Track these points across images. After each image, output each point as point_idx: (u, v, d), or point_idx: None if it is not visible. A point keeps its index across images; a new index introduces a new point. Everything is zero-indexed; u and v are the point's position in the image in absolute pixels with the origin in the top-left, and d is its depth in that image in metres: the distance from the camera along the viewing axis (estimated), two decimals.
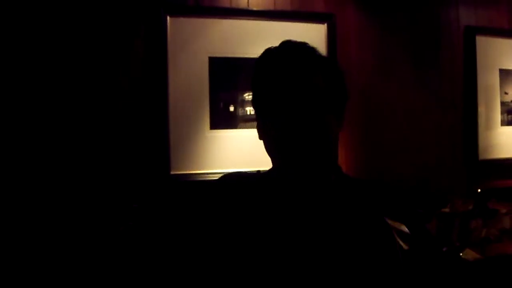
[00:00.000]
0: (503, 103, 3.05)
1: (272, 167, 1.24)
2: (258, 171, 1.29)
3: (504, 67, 3.05)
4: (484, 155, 2.97)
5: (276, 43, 2.53)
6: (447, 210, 2.68)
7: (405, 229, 1.19)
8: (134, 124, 2.39)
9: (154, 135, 2.40)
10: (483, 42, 2.99)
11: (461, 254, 2.44)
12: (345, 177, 1.27)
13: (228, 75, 2.49)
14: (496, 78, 3.04)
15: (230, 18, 2.52)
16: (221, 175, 1.31)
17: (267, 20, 2.56)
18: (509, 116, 3.06)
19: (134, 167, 2.38)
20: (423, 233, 1.25)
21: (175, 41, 2.44)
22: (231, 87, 2.49)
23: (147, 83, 2.41)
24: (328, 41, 2.64)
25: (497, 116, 3.03)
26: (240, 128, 2.47)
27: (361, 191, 1.24)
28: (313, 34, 2.62)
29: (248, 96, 2.47)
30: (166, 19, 2.42)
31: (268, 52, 1.20)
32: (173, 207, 2.33)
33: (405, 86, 2.83)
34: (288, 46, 1.20)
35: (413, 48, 2.86)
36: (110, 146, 2.36)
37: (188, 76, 2.46)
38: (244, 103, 2.47)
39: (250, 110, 2.46)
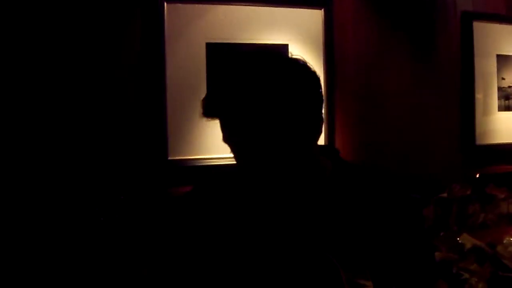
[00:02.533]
0: (500, 89, 3.05)
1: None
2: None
3: (501, 53, 3.06)
4: (482, 140, 2.98)
5: (273, 28, 2.56)
6: (445, 195, 2.68)
7: None
8: (131, 110, 2.39)
9: (152, 120, 2.41)
10: (480, 28, 2.99)
11: (458, 239, 2.44)
12: (344, 163, 1.26)
13: (225, 61, 2.48)
14: (493, 64, 3.04)
15: (227, 4, 2.51)
16: (219, 162, 1.30)
17: (264, 5, 2.56)
18: (506, 102, 3.07)
19: (132, 152, 2.38)
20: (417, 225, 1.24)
21: (172, 27, 2.43)
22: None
23: (145, 69, 2.41)
24: (325, 27, 2.64)
25: (494, 102, 3.04)
26: None
27: (359, 178, 1.23)
28: (310, 19, 2.62)
29: None
30: (163, 5, 2.41)
31: (235, 56, 1.17)
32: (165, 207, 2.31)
33: (401, 72, 2.84)
34: (253, 52, 1.17)
35: (409, 34, 2.86)
36: (108, 132, 2.36)
37: (186, 61, 2.45)
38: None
39: None
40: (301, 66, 1.13)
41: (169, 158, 2.41)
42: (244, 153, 1.12)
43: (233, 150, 1.15)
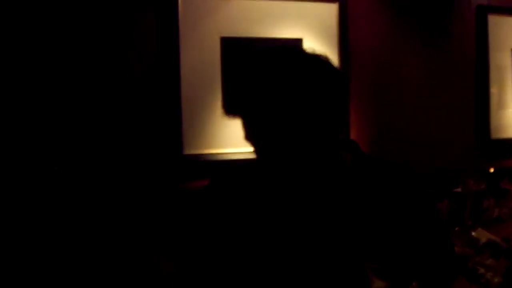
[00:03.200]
0: None
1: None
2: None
3: None
4: (496, 134, 2.96)
5: (287, 22, 2.55)
6: (459, 189, 2.68)
7: None
8: (146, 104, 2.39)
9: (166, 115, 2.40)
10: (495, 21, 2.97)
11: (473, 233, 2.44)
12: (363, 156, 1.26)
13: (240, 55, 2.48)
14: (508, 58, 3.02)
15: None
16: (234, 156, 1.30)
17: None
18: None
19: (147, 147, 2.38)
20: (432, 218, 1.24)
21: (186, 21, 2.43)
22: None
23: (159, 63, 2.41)
24: (339, 21, 2.63)
25: (509, 96, 3.02)
26: None
27: (379, 171, 1.23)
28: (325, 13, 2.61)
29: None
30: None
31: (257, 55, 1.16)
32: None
33: (416, 66, 2.82)
34: (273, 48, 1.16)
35: (424, 27, 2.84)
36: (122, 127, 2.36)
37: (200, 56, 2.45)
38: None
39: None
40: (323, 62, 1.13)
41: (184, 152, 2.42)
42: (267, 149, 1.12)
43: (255, 146, 1.15)
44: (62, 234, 2.17)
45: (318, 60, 1.13)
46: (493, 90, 2.97)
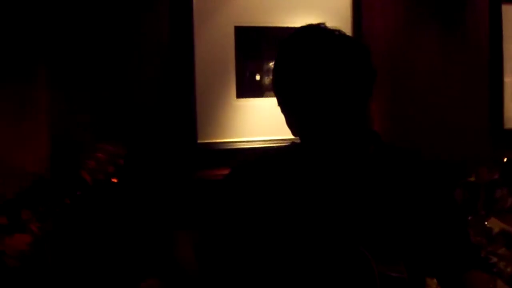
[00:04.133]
0: None
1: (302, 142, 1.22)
2: (293, 143, 1.28)
3: None
4: (510, 124, 2.95)
5: (301, 10, 2.55)
6: (472, 179, 2.68)
7: None
8: (160, 93, 2.41)
9: (180, 103, 2.42)
10: (509, 11, 2.95)
11: (486, 223, 2.44)
12: (384, 146, 1.27)
13: (254, 44, 2.50)
14: None
15: None
16: (248, 145, 1.31)
17: None
18: None
19: (161, 136, 2.40)
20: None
21: (201, 10, 2.44)
22: (257, 56, 2.51)
23: (173, 52, 2.41)
24: (353, 10, 2.63)
25: None
26: (266, 96, 2.48)
27: (399, 160, 1.24)
28: (339, 3, 2.62)
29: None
30: None
31: (293, 37, 1.17)
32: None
33: (430, 55, 2.81)
34: (313, 30, 1.17)
35: (438, 17, 2.83)
36: (136, 115, 2.37)
37: (214, 45, 2.46)
38: (270, 72, 2.47)
39: None
40: (354, 41, 1.16)
41: (198, 141, 2.43)
42: (308, 131, 1.13)
43: (295, 127, 1.16)
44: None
45: (349, 39, 1.16)
46: (507, 79, 2.96)
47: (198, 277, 1.42)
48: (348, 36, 1.17)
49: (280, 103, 1.18)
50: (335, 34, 1.16)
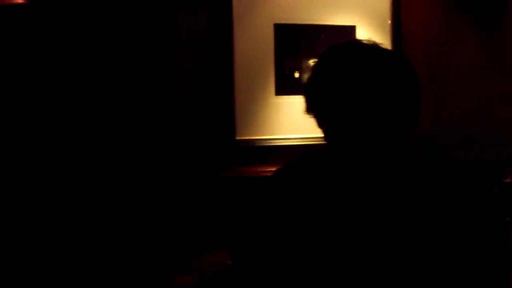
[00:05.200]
0: None
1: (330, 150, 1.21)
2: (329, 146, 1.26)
3: None
4: None
5: (340, 9, 2.54)
6: (508, 180, 2.65)
7: None
8: (199, 90, 2.42)
9: (220, 100, 2.43)
10: None
11: None
12: (436, 154, 1.24)
13: (293, 42, 2.50)
14: None
15: None
16: (286, 142, 1.28)
17: None
18: None
19: (200, 132, 2.41)
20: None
21: (240, 8, 2.45)
22: (296, 53, 2.51)
23: (213, 49, 2.43)
24: (392, 8, 2.62)
25: None
26: None
27: (445, 170, 1.21)
28: (378, 1, 2.61)
29: (313, 63, 2.47)
30: None
31: (331, 52, 1.15)
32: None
33: (470, 52, 2.79)
34: (353, 45, 1.14)
35: (476, 14, 2.80)
36: (175, 113, 2.39)
37: (254, 42, 2.47)
38: (309, 69, 2.47)
39: None
40: (399, 58, 1.12)
41: (237, 137, 2.45)
42: (342, 141, 1.12)
43: (329, 136, 1.15)
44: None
45: (391, 54, 1.12)
46: None
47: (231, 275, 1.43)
48: (392, 53, 1.13)
49: (314, 116, 1.16)
50: (376, 51, 1.13)
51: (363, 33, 2.56)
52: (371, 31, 2.57)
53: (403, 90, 1.09)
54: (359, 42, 1.14)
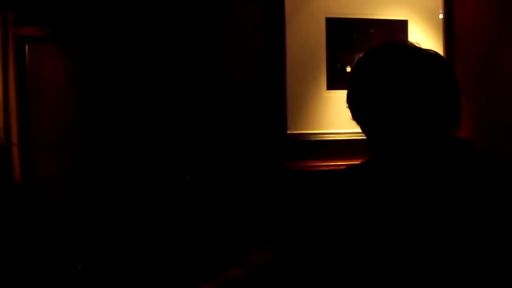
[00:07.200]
0: None
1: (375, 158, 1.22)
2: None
3: None
4: None
5: (392, 3, 2.52)
6: None
7: None
8: (252, 85, 2.43)
9: (271, 94, 2.44)
10: None
11: None
12: (476, 156, 1.22)
13: (345, 36, 2.50)
14: None
15: None
16: (338, 137, 1.27)
17: None
18: None
19: (252, 126, 2.42)
20: None
21: (292, 2, 2.45)
22: (348, 47, 2.50)
23: (265, 43, 2.44)
24: (445, 3, 2.59)
25: None
26: None
27: (490, 171, 1.19)
28: None
29: None
30: None
31: (371, 54, 1.14)
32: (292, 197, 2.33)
33: None
34: (388, 49, 1.14)
35: None
36: (229, 107, 2.41)
37: (305, 36, 2.47)
38: None
39: None
40: (435, 58, 1.11)
41: (288, 131, 2.45)
42: (385, 146, 1.12)
43: (372, 140, 1.15)
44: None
45: (430, 56, 1.11)
46: None
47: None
48: (429, 55, 1.12)
49: (358, 124, 1.16)
50: (415, 52, 1.12)
51: (415, 28, 2.54)
52: (423, 25, 2.55)
53: (441, 94, 1.08)
54: (395, 44, 1.14)
